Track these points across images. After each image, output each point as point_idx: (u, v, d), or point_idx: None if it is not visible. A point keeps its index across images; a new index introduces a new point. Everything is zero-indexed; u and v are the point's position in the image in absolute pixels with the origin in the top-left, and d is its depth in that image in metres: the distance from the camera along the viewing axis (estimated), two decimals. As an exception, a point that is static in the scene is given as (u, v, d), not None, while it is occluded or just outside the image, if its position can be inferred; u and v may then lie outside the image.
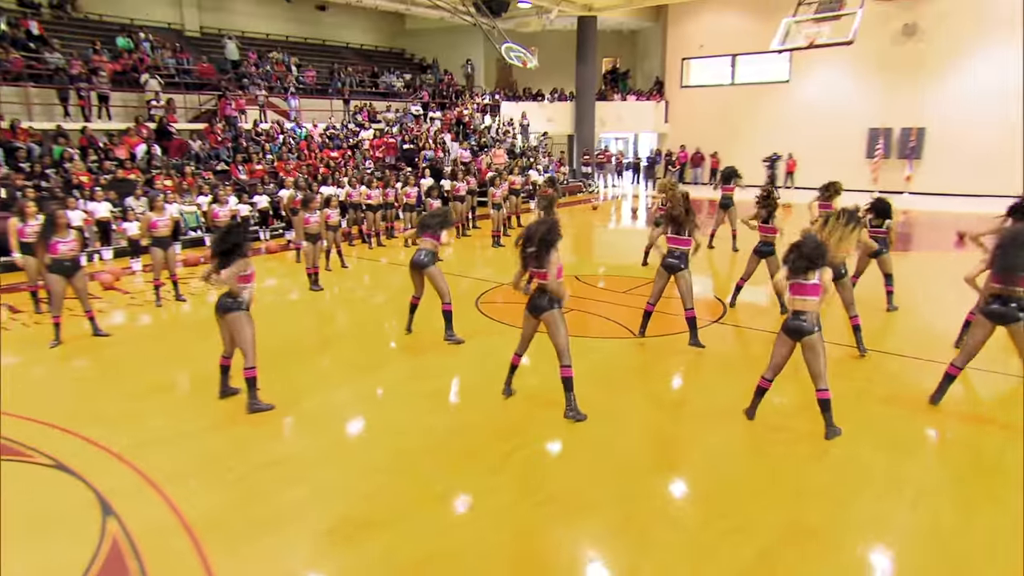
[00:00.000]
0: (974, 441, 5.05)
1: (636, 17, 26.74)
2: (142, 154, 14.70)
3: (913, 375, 6.33)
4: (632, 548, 3.76)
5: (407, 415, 5.61)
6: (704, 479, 4.53)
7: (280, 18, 25.26)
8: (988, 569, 3.55)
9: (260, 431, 5.23)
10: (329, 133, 18.77)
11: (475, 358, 6.91)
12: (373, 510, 4.11)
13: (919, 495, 4.26)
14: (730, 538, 3.78)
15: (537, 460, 4.85)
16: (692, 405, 5.95)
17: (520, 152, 22.34)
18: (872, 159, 22.25)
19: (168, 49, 19.00)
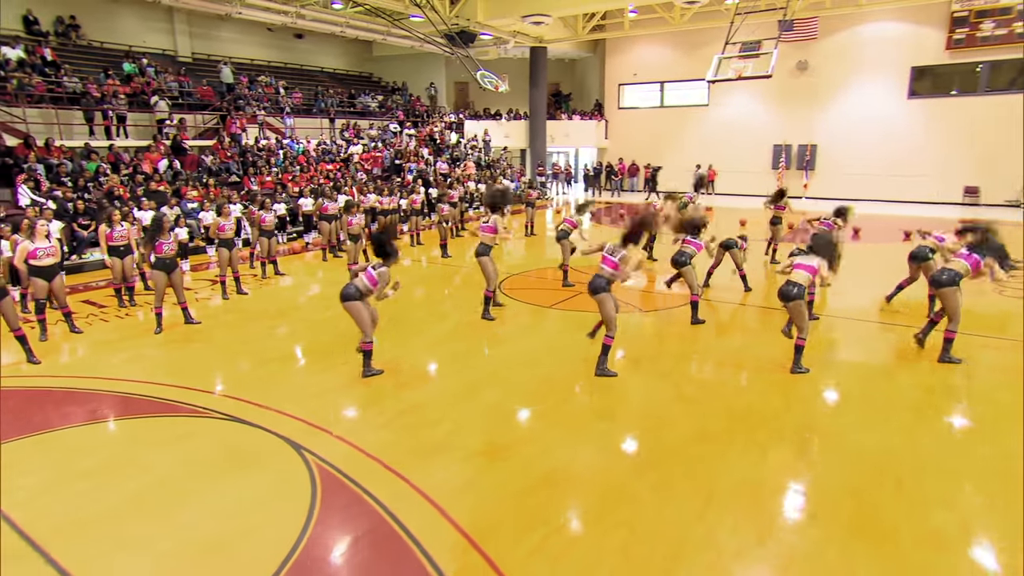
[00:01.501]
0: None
1: (577, 48, 28.19)
2: (164, 168, 14.88)
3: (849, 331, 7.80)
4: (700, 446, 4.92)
5: (500, 369, 6.56)
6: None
7: (262, 45, 25.30)
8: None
9: (387, 386, 6.08)
10: (322, 148, 19.21)
11: (524, 330, 7.93)
12: (506, 436, 5.08)
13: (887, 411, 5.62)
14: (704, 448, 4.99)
15: (608, 391, 5.93)
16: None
17: (486, 164, 23.36)
18: (776, 170, 24.40)
19: (171, 73, 19.02)
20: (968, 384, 6.08)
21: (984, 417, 5.34)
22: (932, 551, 3.59)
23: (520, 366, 6.63)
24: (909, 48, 21.34)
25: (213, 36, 23.71)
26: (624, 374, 6.34)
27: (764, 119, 24.72)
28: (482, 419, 5.37)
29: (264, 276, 10.82)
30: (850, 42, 22.35)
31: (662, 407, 5.60)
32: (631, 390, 6.06)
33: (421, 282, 10.94)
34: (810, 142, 23.76)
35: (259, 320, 8.54)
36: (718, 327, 8.12)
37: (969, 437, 5.06)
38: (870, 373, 6.38)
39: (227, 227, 9.20)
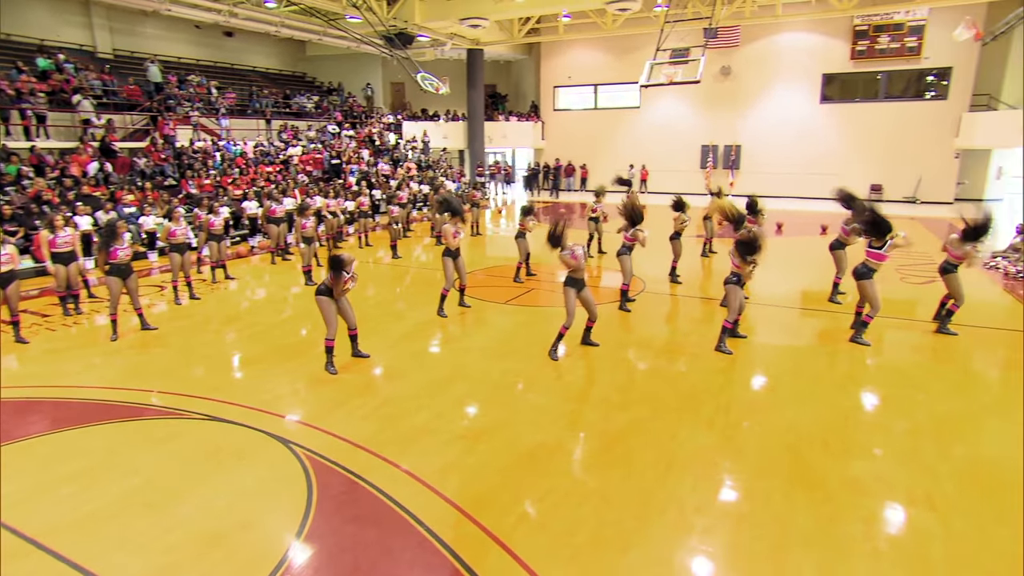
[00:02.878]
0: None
1: (513, 51, 28.75)
2: (95, 171, 14.30)
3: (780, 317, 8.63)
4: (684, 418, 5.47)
5: (464, 363, 6.93)
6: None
7: (190, 42, 24.45)
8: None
9: (358, 383, 6.33)
10: (260, 150, 18.88)
11: (481, 326, 8.32)
12: (482, 421, 5.48)
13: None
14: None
15: (568, 378, 6.42)
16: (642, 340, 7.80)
17: (426, 165, 23.54)
18: (704, 169, 25.82)
19: (92, 71, 18.18)
20: (881, 361, 6.95)
21: (894, 389, 6.16)
22: (854, 493, 4.26)
23: (483, 360, 7.02)
24: (820, 57, 23.13)
25: (136, 32, 22.73)
26: (579, 362, 6.86)
27: (692, 121, 26.07)
28: (457, 407, 5.74)
29: (214, 281, 10.71)
30: (769, 50, 23.96)
31: (619, 390, 6.14)
32: (587, 377, 6.58)
33: (374, 283, 11.12)
34: (735, 143, 25.28)
35: (215, 324, 8.53)
36: (660, 316, 8.79)
37: (882, 406, 5.85)
38: (797, 354, 7.17)
39: (178, 232, 9.10)
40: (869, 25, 21.85)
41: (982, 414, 5.51)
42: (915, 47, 21.30)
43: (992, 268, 12.00)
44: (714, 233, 13.15)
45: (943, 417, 5.45)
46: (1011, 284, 10.70)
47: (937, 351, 7.24)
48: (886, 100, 22.61)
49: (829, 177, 23.65)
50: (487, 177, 26.95)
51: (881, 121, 22.62)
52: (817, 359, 6.98)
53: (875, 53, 22.00)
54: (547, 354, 6.97)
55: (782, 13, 21.40)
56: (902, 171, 22.49)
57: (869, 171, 23.17)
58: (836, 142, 23.58)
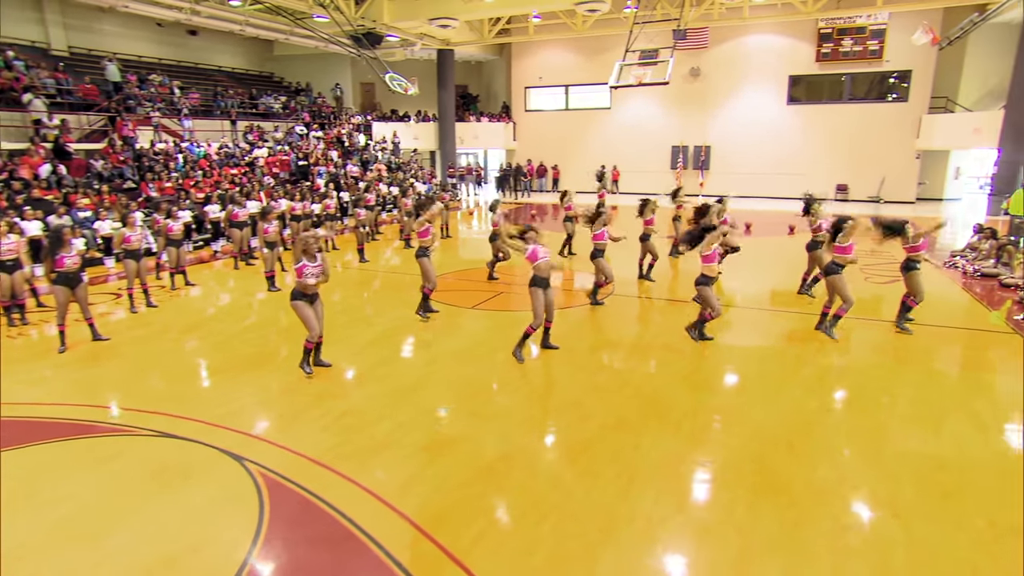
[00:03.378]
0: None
1: (484, 51, 28.60)
2: (47, 174, 13.76)
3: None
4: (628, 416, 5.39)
5: (430, 370, 6.78)
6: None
7: (151, 41, 23.78)
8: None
9: (320, 392, 6.14)
10: (225, 152, 18.42)
11: (448, 332, 8.17)
12: (444, 432, 5.33)
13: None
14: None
15: (533, 385, 6.31)
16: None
17: (397, 167, 23.26)
18: (675, 170, 26.01)
19: (44, 69, 17.51)
20: (844, 362, 6.99)
21: (857, 389, 6.19)
22: (818, 500, 4.23)
23: (447, 367, 6.87)
24: (787, 59, 23.46)
25: (94, 29, 22.01)
26: (546, 367, 6.77)
27: (662, 122, 26.24)
28: (419, 418, 5.58)
29: (173, 287, 10.36)
30: (737, 51, 24.22)
31: (584, 396, 6.05)
32: (554, 383, 6.49)
33: (341, 288, 10.88)
34: (704, 143, 25.50)
35: (172, 333, 8.23)
36: (628, 319, 8.75)
37: (846, 407, 5.86)
38: (763, 356, 7.17)
39: (133, 238, 8.76)
40: (833, 28, 22.23)
41: (942, 416, 5.55)
42: (877, 50, 21.73)
43: (951, 267, 12.27)
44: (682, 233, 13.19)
45: (904, 418, 5.48)
46: (969, 283, 10.93)
47: (898, 350, 7.31)
48: (850, 101, 23.04)
49: (797, 177, 24.07)
50: (458, 178, 26.74)
51: (846, 122, 23.04)
52: (783, 360, 6.99)
53: (839, 56, 22.40)
54: (512, 355, 6.86)
55: (749, 15, 21.66)
56: (867, 171, 22.93)
57: (835, 171, 23.58)
58: (803, 143, 23.94)
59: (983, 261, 12.15)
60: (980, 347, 7.56)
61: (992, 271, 11.55)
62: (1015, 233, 13.39)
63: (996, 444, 5.04)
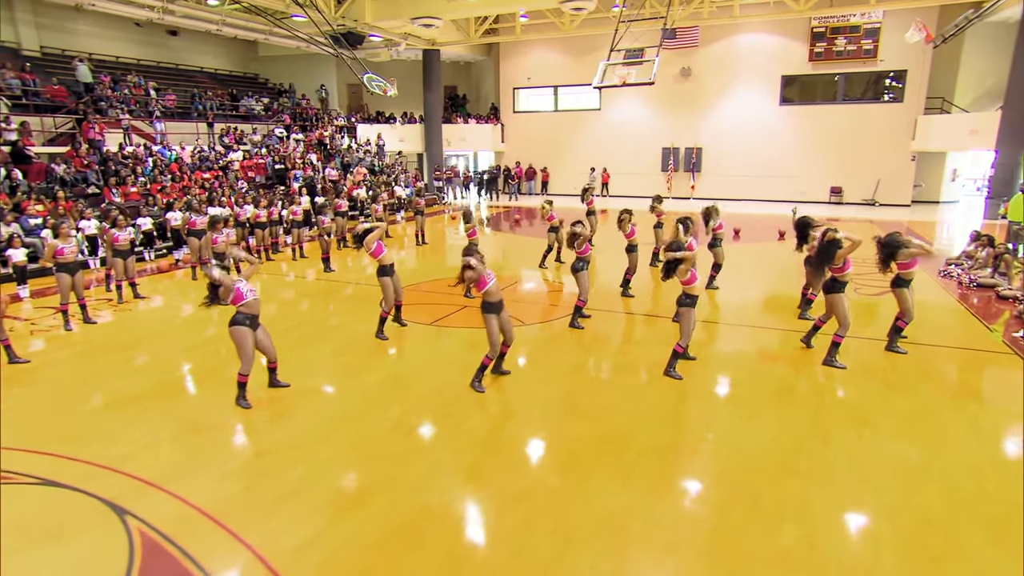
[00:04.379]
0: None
1: (472, 51, 27.96)
2: (0, 178, 13.14)
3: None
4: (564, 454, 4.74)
5: (371, 396, 6.15)
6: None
7: (130, 41, 23.13)
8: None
9: (243, 423, 5.51)
10: (199, 155, 17.79)
11: (401, 351, 7.54)
12: (366, 475, 4.70)
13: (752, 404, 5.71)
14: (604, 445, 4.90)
15: (476, 417, 5.67)
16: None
17: (380, 170, 22.63)
18: (666, 172, 25.38)
19: (10, 69, 16.88)
20: (828, 388, 6.35)
21: (839, 426, 5.55)
22: (780, 570, 3.60)
23: (383, 397, 6.23)
24: (779, 58, 22.81)
25: (68, 29, 21.38)
26: (497, 397, 6.14)
27: (653, 123, 25.58)
28: (338, 460, 4.94)
29: (120, 300, 9.72)
30: (728, 51, 23.57)
31: (531, 433, 5.43)
32: (502, 416, 5.85)
33: (301, 299, 10.28)
34: (696, 145, 24.85)
35: (106, 353, 7.60)
36: (600, 338, 8.11)
37: (821, 449, 5.21)
38: (741, 382, 6.54)
39: (67, 249, 8.13)
40: (826, 27, 21.59)
41: (931, 458, 4.92)
42: (871, 49, 21.10)
43: (945, 276, 11.63)
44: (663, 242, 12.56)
45: (886, 462, 4.84)
46: (964, 294, 10.29)
47: (887, 373, 6.68)
48: (844, 102, 22.39)
49: (789, 180, 23.45)
50: (444, 181, 26.11)
51: (840, 123, 22.39)
52: (761, 389, 6.33)
53: (832, 55, 21.76)
54: (469, 386, 6.22)
55: (740, 14, 21.01)
56: (861, 173, 22.29)
57: (829, 174, 22.94)
58: (796, 144, 23.30)
59: (979, 270, 11.51)
60: (975, 369, 6.93)
61: (989, 281, 10.91)
62: (1014, 240, 12.75)
63: (990, 492, 4.40)
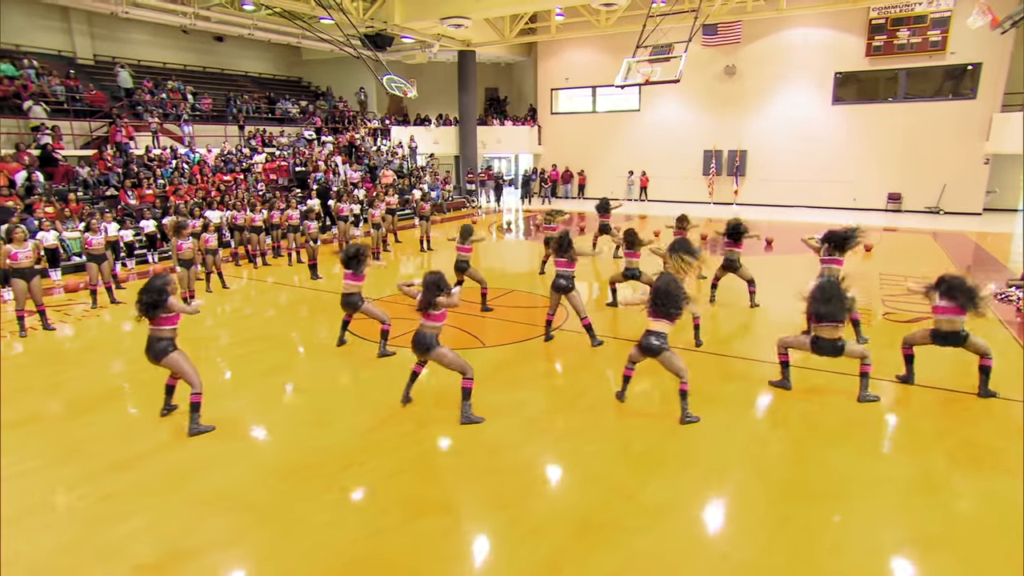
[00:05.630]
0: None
1: (511, 53, 27.17)
2: (22, 181, 13.40)
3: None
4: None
5: (279, 429, 5.47)
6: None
7: (177, 48, 23.72)
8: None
9: (109, 463, 4.90)
10: (224, 157, 17.84)
11: (335, 373, 6.83)
12: (200, 537, 3.97)
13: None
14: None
15: (389, 469, 4.85)
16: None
17: (408, 172, 22.20)
18: (707, 176, 23.75)
19: (57, 76, 17.42)
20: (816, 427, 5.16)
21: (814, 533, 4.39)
22: None
23: (282, 434, 5.44)
24: (832, 54, 20.81)
25: (119, 38, 22.07)
26: (441, 432, 5.29)
27: (695, 124, 24.00)
28: (200, 505, 4.24)
29: (94, 305, 9.49)
30: (776, 47, 21.75)
31: (456, 494, 4.54)
32: (439, 463, 4.98)
33: (267, 308, 9.77)
34: (740, 147, 23.11)
35: (41, 367, 7.22)
36: (575, 365, 7.11)
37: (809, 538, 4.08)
38: (729, 438, 5.42)
39: (20, 255, 7.88)
40: (887, 18, 19.46)
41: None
42: (939, 42, 18.83)
43: (1005, 300, 9.85)
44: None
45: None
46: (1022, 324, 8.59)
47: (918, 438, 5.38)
48: (906, 100, 20.14)
49: (841, 185, 21.41)
50: (478, 184, 25.43)
51: (900, 123, 20.17)
52: (756, 441, 5.20)
53: (893, 49, 19.59)
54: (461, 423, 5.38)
55: (787, 7, 19.22)
56: (924, 178, 20.01)
57: (887, 178, 20.75)
58: (850, 146, 21.20)
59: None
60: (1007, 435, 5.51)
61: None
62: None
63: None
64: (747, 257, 9.44)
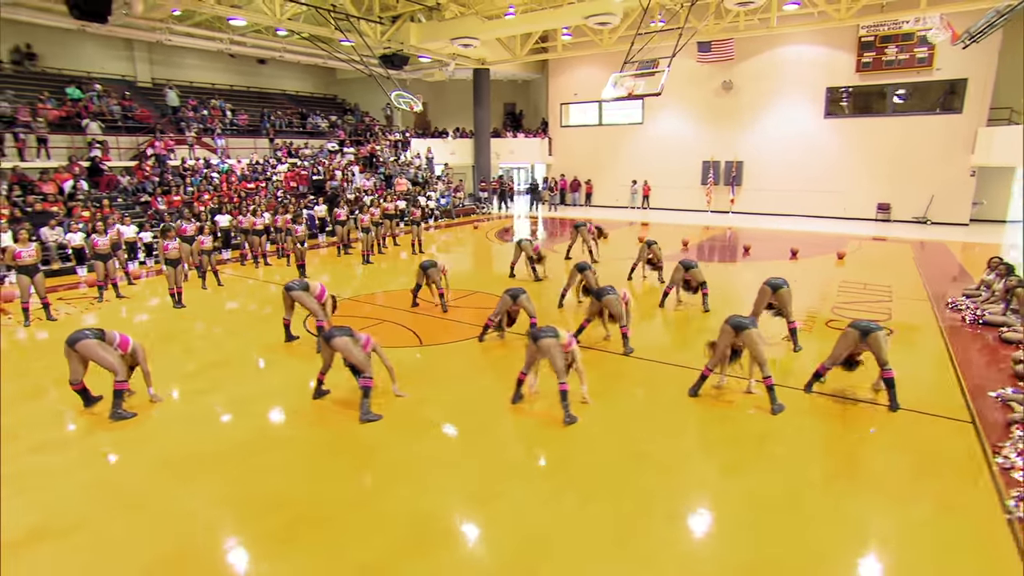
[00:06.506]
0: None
1: (525, 70, 27.10)
2: (69, 188, 14.13)
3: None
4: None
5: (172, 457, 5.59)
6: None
7: (225, 70, 24.60)
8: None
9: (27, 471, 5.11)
10: (252, 167, 18.40)
11: (262, 380, 6.96)
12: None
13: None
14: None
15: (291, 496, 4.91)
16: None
17: (423, 181, 22.41)
18: (705, 185, 23.14)
19: (114, 97, 18.31)
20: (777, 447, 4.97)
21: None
22: None
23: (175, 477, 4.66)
24: (824, 70, 19.96)
25: (174, 63, 23.02)
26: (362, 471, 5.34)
27: (694, 136, 23.42)
28: (87, 489, 4.37)
29: (100, 300, 9.89)
30: (771, 63, 21.00)
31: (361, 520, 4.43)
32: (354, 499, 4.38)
33: (249, 303, 9.98)
34: (736, 159, 22.42)
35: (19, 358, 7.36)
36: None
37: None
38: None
39: (24, 253, 8.32)
40: (875, 36, 18.53)
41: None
42: (925, 58, 17.83)
43: (954, 309, 9.26)
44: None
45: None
46: (962, 335, 8.02)
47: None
48: (895, 114, 19.14)
49: (833, 195, 20.54)
50: (490, 192, 25.45)
51: (889, 136, 19.19)
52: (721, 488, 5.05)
53: (882, 65, 18.64)
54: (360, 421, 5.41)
55: (780, 26, 18.51)
56: (912, 189, 18.98)
57: (877, 189, 19.78)
58: (841, 158, 20.29)
59: (991, 305, 9.08)
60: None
61: (998, 319, 8.54)
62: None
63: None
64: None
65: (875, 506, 4.11)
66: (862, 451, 4.96)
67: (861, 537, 3.80)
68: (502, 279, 11.39)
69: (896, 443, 5.02)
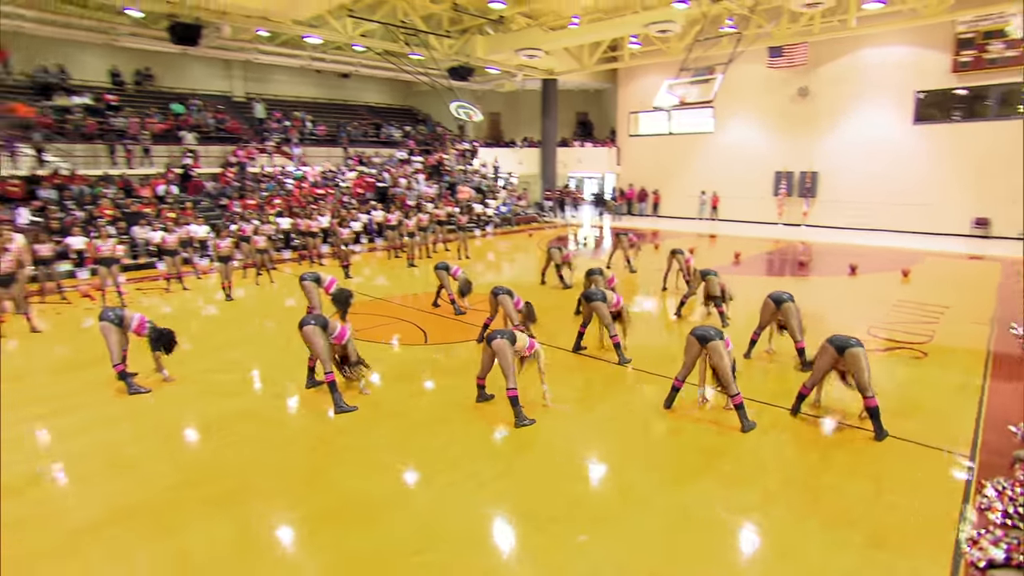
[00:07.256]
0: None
1: (596, 80, 27.15)
2: (162, 192, 16.07)
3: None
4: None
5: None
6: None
7: (311, 85, 26.76)
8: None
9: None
10: (324, 174, 19.90)
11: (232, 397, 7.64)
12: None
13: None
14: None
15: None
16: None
17: (487, 189, 23.07)
18: (777, 197, 21.99)
19: (210, 111, 20.58)
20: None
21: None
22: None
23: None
24: (913, 71, 18.39)
25: (266, 79, 25.38)
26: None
27: (767, 146, 22.36)
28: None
29: (167, 291, 11.19)
30: (851, 67, 19.67)
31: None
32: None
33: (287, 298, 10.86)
34: (810, 169, 21.13)
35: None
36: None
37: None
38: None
39: (104, 248, 9.69)
40: (976, 32, 16.82)
41: None
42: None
43: (1014, 332, 8.31)
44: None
45: None
46: (1007, 363, 7.24)
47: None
48: (998, 119, 17.22)
49: (922, 208, 18.83)
50: (555, 201, 25.68)
51: (991, 143, 17.29)
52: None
53: (983, 64, 16.87)
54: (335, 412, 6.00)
55: (861, 26, 17.33)
56: (1017, 203, 16.94)
57: (972, 202, 17.89)
58: (932, 168, 18.55)
59: (1061, 332, 8.07)
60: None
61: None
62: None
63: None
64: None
65: (808, 535, 3.93)
66: (820, 477, 4.70)
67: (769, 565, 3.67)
68: (531, 285, 11.60)
69: (862, 471, 4.71)
